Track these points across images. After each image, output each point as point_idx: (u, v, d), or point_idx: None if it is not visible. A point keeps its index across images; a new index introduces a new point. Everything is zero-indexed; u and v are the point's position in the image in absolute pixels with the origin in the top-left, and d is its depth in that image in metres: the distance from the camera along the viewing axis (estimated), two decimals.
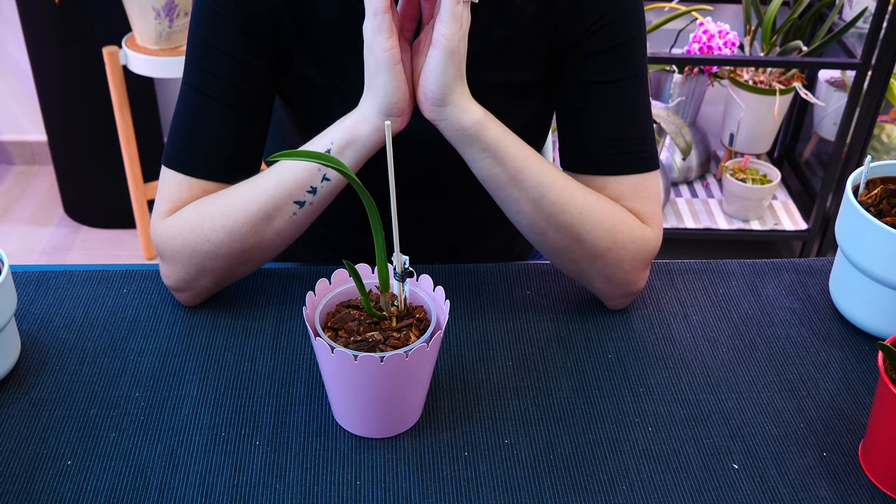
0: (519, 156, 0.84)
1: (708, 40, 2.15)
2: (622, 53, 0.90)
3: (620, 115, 0.90)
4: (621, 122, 0.90)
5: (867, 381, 0.85)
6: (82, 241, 2.49)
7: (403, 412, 0.77)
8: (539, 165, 0.85)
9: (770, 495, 0.73)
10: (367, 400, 0.74)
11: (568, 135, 0.93)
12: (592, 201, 0.87)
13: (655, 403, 0.82)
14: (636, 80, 0.90)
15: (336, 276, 0.79)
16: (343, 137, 0.83)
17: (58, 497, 0.71)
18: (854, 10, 2.31)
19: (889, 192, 0.90)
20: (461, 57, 0.79)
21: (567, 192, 0.86)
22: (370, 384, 0.73)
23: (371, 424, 0.77)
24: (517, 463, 0.75)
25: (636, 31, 0.90)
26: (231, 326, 0.89)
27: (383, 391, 0.74)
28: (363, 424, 0.77)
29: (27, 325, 0.88)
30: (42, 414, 0.78)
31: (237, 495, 0.72)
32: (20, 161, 2.82)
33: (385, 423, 0.77)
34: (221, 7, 0.86)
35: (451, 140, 0.84)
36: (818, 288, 0.98)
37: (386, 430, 0.77)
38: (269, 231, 0.86)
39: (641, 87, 0.91)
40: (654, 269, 0.99)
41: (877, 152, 2.34)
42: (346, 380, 0.73)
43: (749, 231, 2.35)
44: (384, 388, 0.73)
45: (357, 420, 0.77)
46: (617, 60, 0.89)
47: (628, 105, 0.90)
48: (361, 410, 0.76)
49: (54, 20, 2.17)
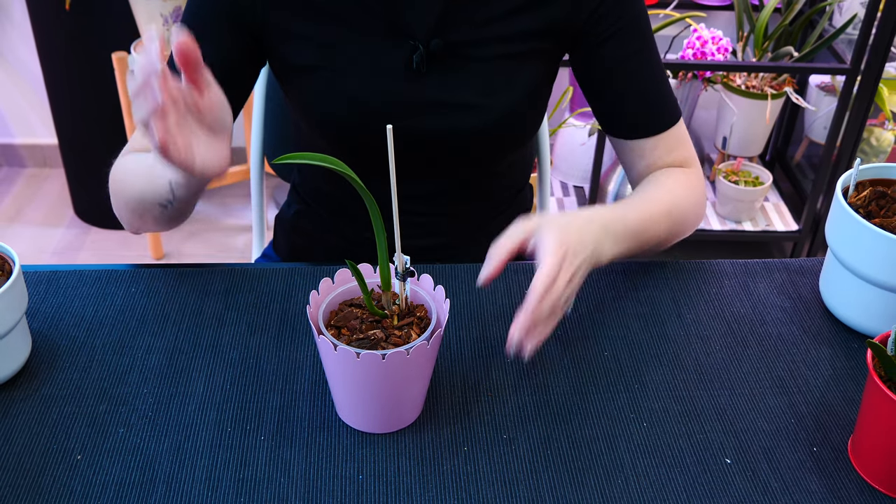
0: (639, 239, 0.92)
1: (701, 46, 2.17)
2: (631, 30, 0.97)
3: (647, 85, 1.00)
4: (649, 90, 1.00)
5: (856, 378, 0.86)
6: (92, 242, 2.50)
7: (404, 408, 0.78)
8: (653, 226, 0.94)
9: (762, 489, 0.74)
10: (369, 396, 0.75)
11: (602, 109, 1.03)
12: (681, 202, 0.99)
13: (650, 400, 0.83)
14: (648, 49, 1.00)
15: (339, 275, 0.80)
16: (177, 177, 0.85)
17: (68, 491, 0.72)
18: (844, 16, 2.33)
19: (878, 194, 0.90)
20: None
21: (669, 218, 0.96)
22: (372, 381, 0.74)
23: (373, 420, 0.78)
24: (515, 458, 0.76)
25: (639, 7, 0.98)
26: (237, 324, 0.90)
27: (385, 388, 0.75)
28: (366, 420, 0.78)
29: (38, 323, 0.89)
30: (52, 410, 0.79)
31: (242, 489, 0.72)
32: (32, 164, 2.83)
33: (387, 419, 0.78)
34: None
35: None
36: (809, 287, 0.99)
37: (388, 426, 0.78)
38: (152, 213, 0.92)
39: (653, 52, 1.00)
40: (648, 269, 1.00)
41: (866, 155, 2.36)
42: (348, 377, 0.74)
43: (741, 232, 2.36)
44: (386, 384, 0.74)
45: (360, 416, 0.78)
46: (630, 37, 0.98)
47: (651, 73, 1.00)
48: (364, 407, 0.77)
49: (65, 26, 2.18)
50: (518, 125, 1.02)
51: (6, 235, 2.51)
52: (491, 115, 0.97)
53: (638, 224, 0.92)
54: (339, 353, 0.72)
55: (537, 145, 1.37)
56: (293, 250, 1.21)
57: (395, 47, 0.95)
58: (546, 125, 1.38)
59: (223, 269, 0.98)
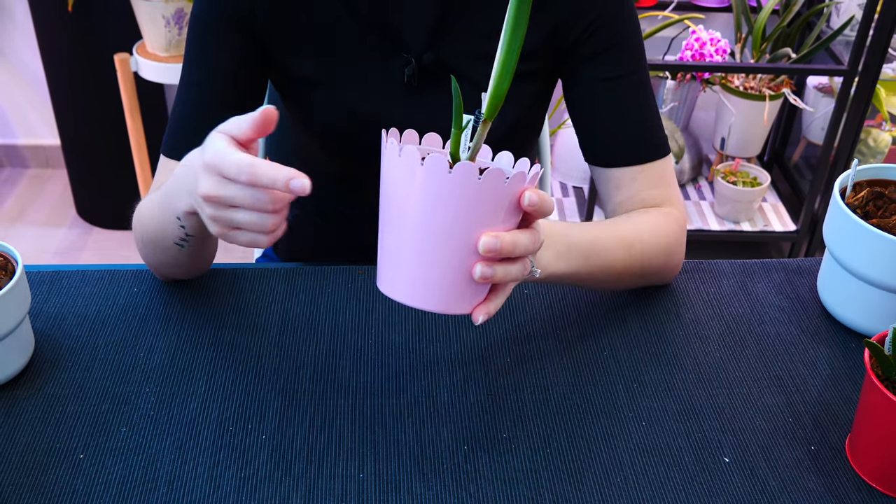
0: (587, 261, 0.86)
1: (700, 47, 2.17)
2: (621, 52, 0.94)
3: (632, 111, 0.95)
4: (634, 117, 0.95)
5: (854, 378, 0.86)
6: (94, 242, 2.51)
7: (467, 277, 0.67)
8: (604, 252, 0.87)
9: (760, 488, 0.74)
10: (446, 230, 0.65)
11: (586, 134, 0.98)
12: (648, 238, 0.91)
13: (649, 399, 0.83)
14: (640, 74, 0.95)
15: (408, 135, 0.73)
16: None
17: (70, 489, 0.72)
18: (841, 18, 2.33)
19: (875, 195, 0.90)
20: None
21: (628, 251, 0.90)
22: (459, 201, 0.63)
23: (438, 284, 0.67)
24: (515, 457, 0.76)
25: (630, 29, 0.94)
26: (238, 324, 0.90)
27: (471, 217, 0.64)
28: (431, 283, 0.66)
29: (41, 323, 0.89)
30: (55, 409, 0.79)
31: (244, 487, 0.73)
32: (34, 164, 2.84)
33: (450, 284, 0.67)
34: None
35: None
36: (806, 287, 0.99)
37: (452, 298, 0.68)
38: (170, 255, 0.87)
39: (645, 79, 0.96)
40: None
41: (863, 156, 2.36)
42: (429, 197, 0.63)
43: (740, 232, 2.37)
44: (474, 212, 0.64)
45: (425, 276, 0.66)
46: (618, 60, 0.94)
47: (637, 100, 0.95)
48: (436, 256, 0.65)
49: (67, 27, 2.19)
50: (510, 144, 1.01)
51: (9, 235, 2.52)
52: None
53: (585, 244, 0.85)
54: (427, 165, 0.62)
55: (537, 146, 1.37)
56: (293, 254, 1.21)
57: (392, 60, 0.95)
58: (546, 126, 1.39)
59: (225, 268, 0.98)
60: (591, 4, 0.92)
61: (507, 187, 0.65)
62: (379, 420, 0.79)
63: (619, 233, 0.90)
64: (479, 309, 0.70)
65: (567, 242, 0.84)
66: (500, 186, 0.64)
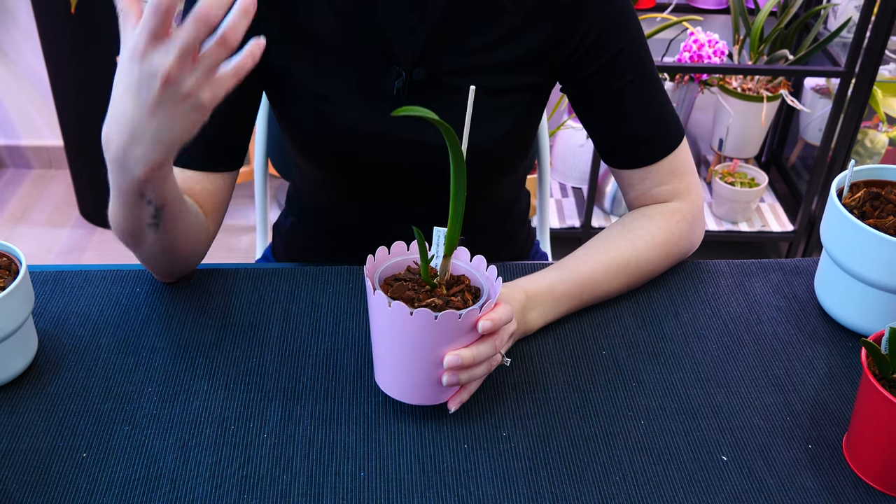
0: (580, 299, 0.92)
1: (698, 49, 2.18)
2: (620, 63, 0.94)
3: (638, 116, 0.96)
4: (642, 119, 0.96)
5: (851, 377, 0.87)
6: (97, 242, 2.51)
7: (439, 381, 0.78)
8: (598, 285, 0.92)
9: (757, 486, 0.75)
10: (418, 357, 0.75)
11: (597, 137, 1.00)
12: (645, 252, 0.94)
13: (647, 398, 0.83)
14: (645, 76, 0.95)
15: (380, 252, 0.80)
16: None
17: (74, 488, 0.72)
18: (839, 20, 2.34)
19: (872, 195, 0.91)
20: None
21: (624, 274, 0.93)
22: (423, 339, 0.74)
23: (415, 388, 0.78)
24: (515, 455, 0.77)
25: (633, 33, 0.94)
26: (240, 324, 0.90)
27: (434, 348, 0.75)
28: (408, 388, 0.78)
29: (44, 323, 0.89)
30: (59, 408, 0.80)
31: (246, 486, 0.73)
32: (38, 165, 2.85)
33: (427, 388, 0.78)
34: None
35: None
36: (804, 287, 0.99)
37: (428, 397, 0.79)
38: (151, 243, 0.87)
39: (652, 79, 0.96)
40: None
41: (860, 157, 2.37)
42: (404, 336, 0.74)
43: (737, 232, 2.37)
44: (435, 344, 0.74)
45: (402, 383, 0.78)
46: (622, 65, 0.94)
47: (645, 101, 0.96)
48: (408, 371, 0.77)
49: (70, 29, 2.19)
50: (501, 159, 1.01)
51: (12, 236, 2.52)
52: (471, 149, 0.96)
53: (574, 289, 0.91)
54: (393, 309, 0.72)
55: (537, 147, 1.37)
56: (291, 259, 1.21)
57: (383, 74, 0.94)
58: (546, 126, 1.39)
59: (226, 269, 0.98)
60: (588, 15, 0.92)
61: (462, 321, 0.73)
62: (380, 419, 0.80)
63: (613, 258, 0.93)
64: (453, 399, 0.79)
65: (553, 296, 0.89)
66: (455, 322, 0.73)
